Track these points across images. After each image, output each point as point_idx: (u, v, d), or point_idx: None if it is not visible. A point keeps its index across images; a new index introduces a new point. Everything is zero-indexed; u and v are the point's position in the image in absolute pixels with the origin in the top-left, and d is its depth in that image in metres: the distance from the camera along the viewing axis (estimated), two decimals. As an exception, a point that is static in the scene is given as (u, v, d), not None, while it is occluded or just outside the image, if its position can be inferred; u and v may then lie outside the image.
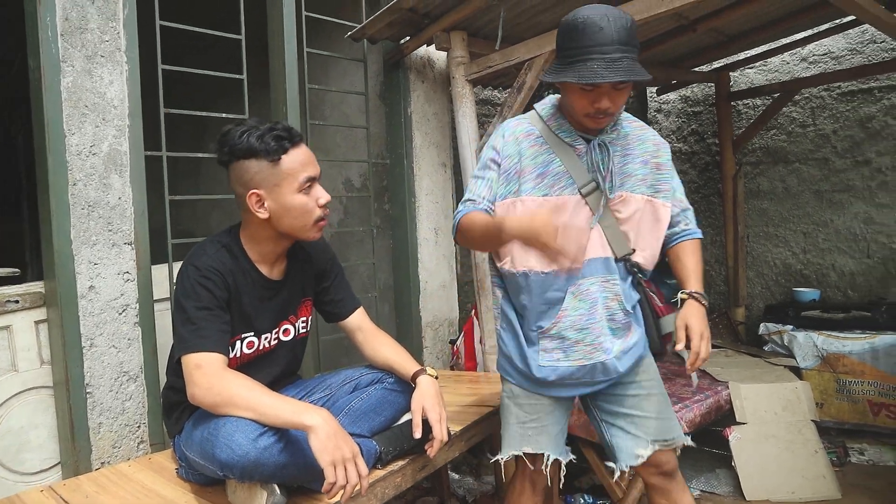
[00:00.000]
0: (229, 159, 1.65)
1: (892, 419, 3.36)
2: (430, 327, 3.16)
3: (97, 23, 2.01)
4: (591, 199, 1.63)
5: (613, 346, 1.69)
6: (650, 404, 1.74)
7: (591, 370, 1.69)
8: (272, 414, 1.47)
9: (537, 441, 1.78)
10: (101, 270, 2.01)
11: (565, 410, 1.83)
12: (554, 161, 1.65)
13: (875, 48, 3.85)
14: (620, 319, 1.68)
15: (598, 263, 1.65)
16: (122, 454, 2.05)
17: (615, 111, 1.56)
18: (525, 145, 1.67)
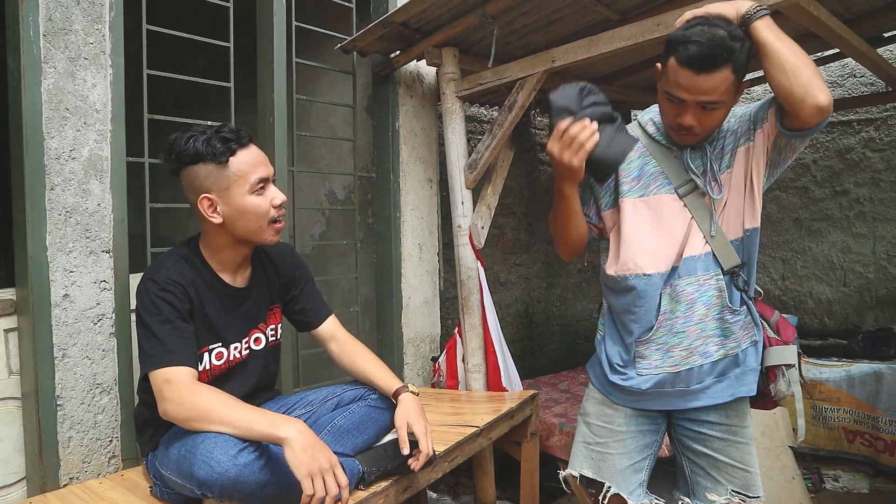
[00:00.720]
0: (177, 167, 1.63)
1: (866, 447, 3.39)
2: (412, 343, 3.11)
3: (82, 24, 1.95)
4: (691, 200, 1.57)
5: (713, 348, 1.58)
6: (738, 452, 1.62)
7: (686, 377, 1.59)
8: (246, 427, 1.44)
9: (599, 468, 1.72)
10: (76, 279, 1.94)
11: (640, 446, 1.71)
12: (650, 162, 1.62)
13: (854, 82, 3.93)
14: (730, 319, 1.57)
15: (694, 261, 1.57)
16: (92, 470, 1.97)
17: (701, 131, 1.49)
18: None
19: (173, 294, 1.58)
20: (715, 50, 1.36)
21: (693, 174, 1.56)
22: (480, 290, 2.79)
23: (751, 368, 1.60)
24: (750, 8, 1.40)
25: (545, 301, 4.60)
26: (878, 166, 3.87)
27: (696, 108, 1.44)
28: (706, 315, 1.57)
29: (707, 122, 1.47)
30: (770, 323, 1.62)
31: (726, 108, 1.48)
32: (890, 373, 3.28)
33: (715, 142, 1.58)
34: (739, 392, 1.59)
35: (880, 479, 3.37)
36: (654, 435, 1.72)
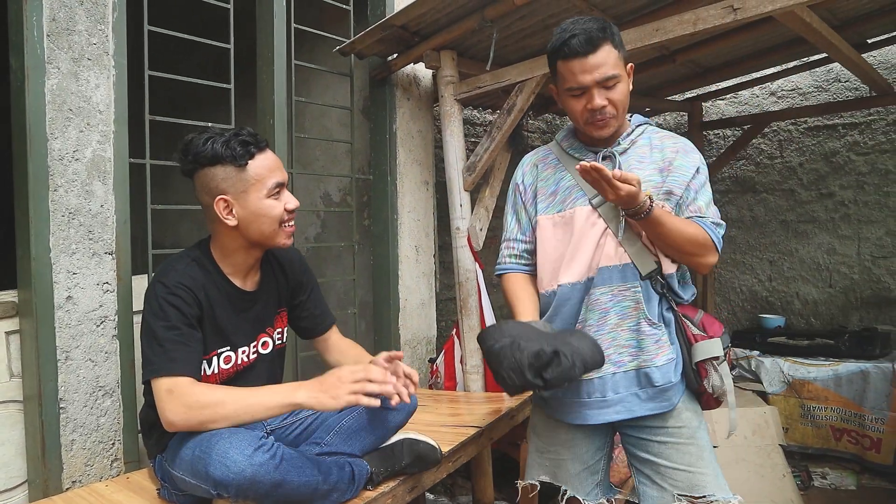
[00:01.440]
0: (194, 168, 1.62)
1: (853, 444, 3.46)
2: (409, 345, 3.13)
3: (85, 25, 1.95)
4: (604, 211, 1.61)
5: (626, 359, 1.60)
6: (678, 454, 1.60)
7: (600, 385, 1.62)
8: (262, 408, 1.50)
9: (554, 473, 1.77)
10: (79, 280, 1.93)
11: (591, 450, 1.74)
12: (565, 177, 1.68)
13: (839, 87, 4.02)
14: (646, 331, 1.59)
15: (609, 272, 1.60)
16: (94, 473, 1.96)
17: (614, 112, 1.55)
18: (539, 168, 1.75)
19: (182, 299, 1.58)
20: (590, 32, 1.49)
21: None
22: (479, 291, 2.81)
23: (670, 385, 1.60)
24: (639, 199, 1.46)
25: (537, 303, 4.63)
26: (863, 169, 3.96)
27: (599, 89, 1.52)
28: (619, 325, 1.60)
29: (614, 97, 1.53)
30: (694, 321, 1.63)
31: (624, 82, 1.55)
32: (875, 371, 3.36)
33: (626, 154, 1.63)
34: (661, 408, 1.60)
35: (866, 475, 3.44)
36: (603, 438, 1.75)
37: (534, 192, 1.73)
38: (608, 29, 1.52)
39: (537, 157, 1.79)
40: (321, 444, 1.72)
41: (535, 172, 1.75)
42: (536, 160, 1.77)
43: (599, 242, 1.61)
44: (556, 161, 1.73)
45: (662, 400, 1.60)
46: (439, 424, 2.31)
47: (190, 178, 1.66)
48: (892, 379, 3.31)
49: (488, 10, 2.47)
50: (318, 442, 1.73)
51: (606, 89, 1.53)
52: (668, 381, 1.59)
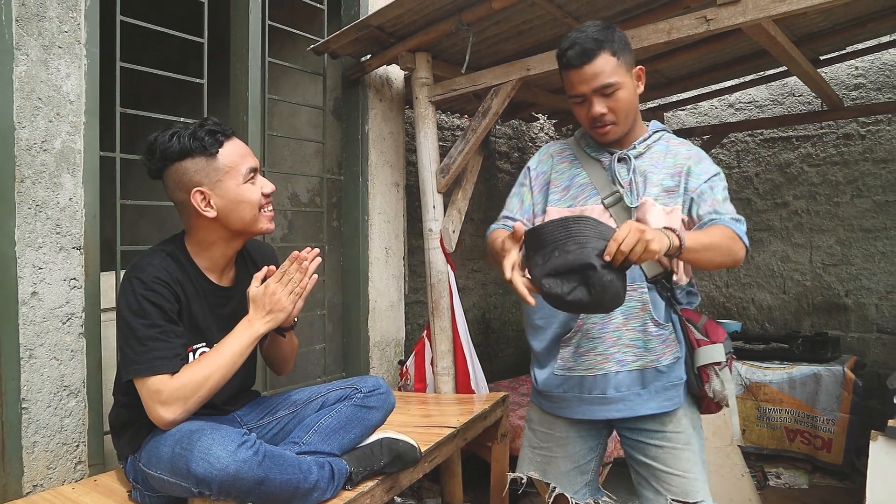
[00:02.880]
0: (162, 165, 1.60)
1: (806, 445, 3.59)
2: (378, 347, 3.11)
3: (56, 11, 1.88)
4: (616, 211, 1.63)
5: (630, 358, 1.61)
6: (674, 459, 1.62)
7: (602, 383, 1.64)
8: (239, 357, 1.58)
9: (544, 470, 1.79)
10: (45, 276, 1.85)
11: (583, 450, 1.76)
12: (580, 174, 1.70)
13: (794, 100, 4.19)
14: (653, 331, 1.61)
15: None
16: (57, 476, 1.88)
17: (614, 119, 1.58)
18: (556, 161, 1.76)
19: (161, 294, 1.54)
20: (585, 44, 1.53)
21: (619, 185, 1.64)
22: (450, 293, 2.82)
23: (675, 383, 1.63)
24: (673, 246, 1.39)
25: (501, 307, 4.67)
26: (815, 180, 4.13)
27: (598, 97, 1.55)
28: (624, 324, 1.62)
29: (614, 105, 1.56)
30: (697, 326, 1.64)
31: (627, 88, 1.56)
32: (827, 374, 3.50)
33: (641, 158, 1.65)
34: (663, 407, 1.62)
35: (818, 474, 3.58)
36: (597, 439, 1.77)
37: (546, 181, 1.75)
38: (608, 37, 1.54)
39: (555, 148, 1.80)
40: (300, 443, 1.69)
41: (550, 162, 1.77)
42: (554, 152, 1.79)
43: None
44: (573, 157, 1.74)
45: (665, 399, 1.62)
46: (412, 425, 2.30)
47: (158, 178, 1.63)
48: (842, 381, 3.45)
49: (465, 13, 2.49)
50: (296, 441, 1.70)
51: (605, 97, 1.55)
52: (679, 377, 1.62)
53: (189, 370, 1.53)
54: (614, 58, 1.54)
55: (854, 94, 4.01)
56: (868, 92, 3.98)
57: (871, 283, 3.98)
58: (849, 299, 4.05)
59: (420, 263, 3.67)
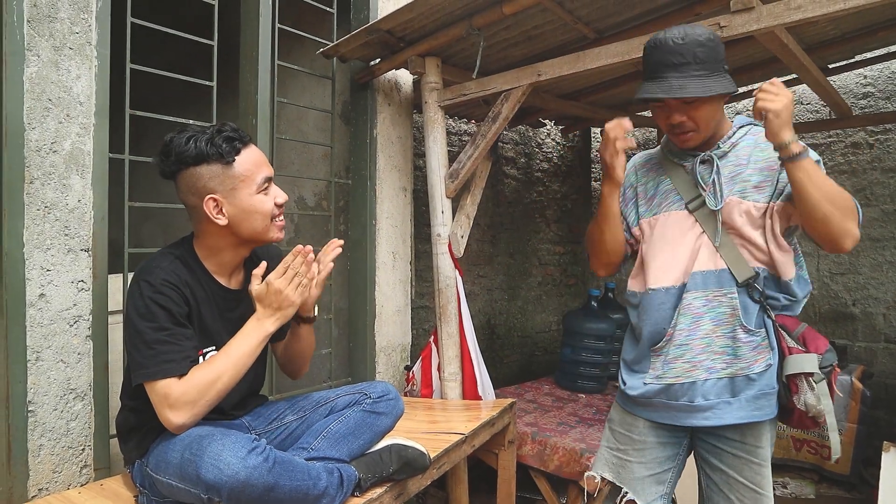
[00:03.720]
0: (177, 168, 1.58)
1: (813, 455, 3.57)
2: (384, 352, 3.09)
3: (68, 13, 1.88)
4: (701, 215, 1.60)
5: (719, 365, 1.58)
6: (751, 473, 1.59)
7: (690, 391, 1.60)
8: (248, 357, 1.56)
9: (618, 473, 1.76)
10: (53, 277, 1.84)
11: (661, 457, 1.71)
12: (664, 180, 1.69)
13: (801, 109, 4.17)
14: (742, 338, 1.56)
15: (703, 276, 1.59)
16: (62, 480, 1.86)
17: (694, 127, 1.56)
18: (641, 172, 1.77)
19: (170, 298, 1.53)
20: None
21: (701, 188, 1.62)
22: (458, 298, 2.80)
23: (766, 392, 1.57)
24: (793, 147, 1.42)
25: (507, 313, 4.65)
26: (822, 189, 4.10)
27: (679, 105, 1.54)
28: (714, 331, 1.59)
29: (695, 115, 1.54)
30: (793, 334, 1.58)
31: (712, 103, 1.54)
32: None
33: (726, 157, 1.62)
34: (752, 416, 1.57)
35: (825, 484, 3.55)
36: (676, 448, 1.72)
37: (634, 194, 1.76)
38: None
39: (640, 161, 1.81)
40: (308, 448, 1.68)
41: (635, 175, 1.78)
42: (638, 164, 1.80)
43: (694, 247, 1.61)
44: (658, 165, 1.74)
45: (756, 409, 1.57)
46: (419, 431, 2.29)
47: (171, 180, 1.62)
48: (849, 391, 3.42)
49: (476, 18, 2.48)
50: (305, 447, 1.69)
51: (686, 105, 1.53)
52: (771, 386, 1.57)
53: (198, 372, 1.51)
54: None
55: (862, 102, 4.00)
56: (877, 101, 3.96)
57: (878, 292, 3.96)
58: (856, 308, 4.03)
59: (427, 268, 3.65)
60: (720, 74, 1.53)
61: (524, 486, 2.98)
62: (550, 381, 4.04)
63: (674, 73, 1.51)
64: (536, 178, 4.90)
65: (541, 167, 4.93)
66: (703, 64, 1.51)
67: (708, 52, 1.51)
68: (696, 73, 1.50)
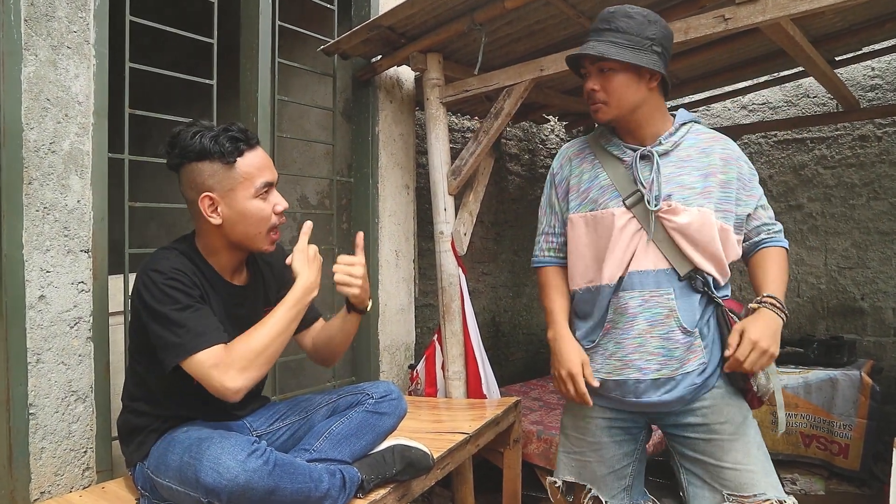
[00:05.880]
0: (180, 161, 1.56)
1: (822, 450, 3.53)
2: (388, 351, 3.07)
3: (65, 11, 1.86)
4: (638, 211, 1.58)
5: (653, 366, 1.56)
6: (723, 452, 1.56)
7: (621, 387, 1.61)
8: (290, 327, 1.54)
9: (579, 473, 1.75)
10: (53, 279, 1.83)
11: (618, 455, 1.70)
12: (601, 175, 1.65)
13: (808, 102, 4.13)
14: (679, 339, 1.54)
15: (641, 276, 1.56)
16: (64, 483, 1.85)
17: (605, 98, 1.56)
18: (575, 163, 1.72)
19: (183, 282, 1.52)
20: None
21: (640, 185, 1.58)
22: (461, 296, 2.78)
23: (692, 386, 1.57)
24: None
25: (512, 310, 4.63)
26: (830, 182, 4.07)
27: (595, 73, 1.57)
28: (647, 331, 1.56)
29: (607, 85, 1.55)
30: (740, 316, 1.57)
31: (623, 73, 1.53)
32: (843, 379, 3.43)
33: (667, 156, 1.59)
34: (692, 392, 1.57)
35: (834, 481, 3.51)
36: (632, 443, 1.72)
37: (566, 188, 1.72)
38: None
39: (573, 150, 1.75)
40: (310, 450, 1.66)
41: (569, 166, 1.73)
42: (572, 154, 1.75)
43: (630, 244, 1.58)
44: (593, 157, 1.69)
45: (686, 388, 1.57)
46: (423, 431, 2.27)
47: (175, 172, 1.60)
48: (859, 386, 3.39)
49: (478, 13, 2.46)
50: (307, 448, 1.67)
51: (602, 75, 1.55)
52: (693, 382, 1.57)
53: (242, 341, 1.49)
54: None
55: (870, 94, 3.95)
56: (885, 93, 3.91)
57: (888, 286, 3.91)
58: (865, 303, 3.99)
59: (430, 266, 3.63)
60: (643, 50, 1.52)
61: (530, 484, 2.96)
62: (556, 379, 4.01)
63: (595, 37, 1.56)
64: (541, 175, 4.87)
65: (545, 163, 4.90)
66: (624, 34, 1.51)
67: (635, 25, 1.52)
68: (613, 39, 1.52)
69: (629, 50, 1.51)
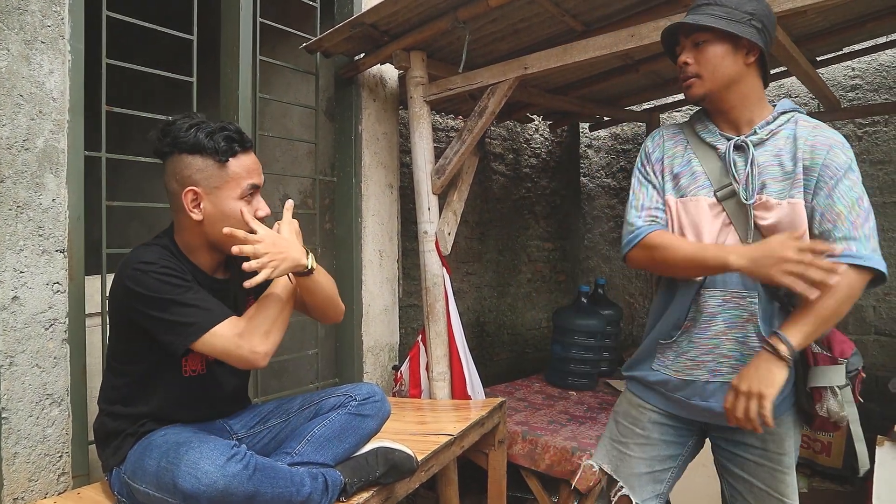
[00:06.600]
0: (170, 151, 1.54)
1: (805, 448, 3.55)
2: (371, 352, 3.04)
3: (39, 5, 1.81)
4: (730, 206, 1.49)
5: (725, 369, 1.48)
6: (775, 481, 1.51)
7: (689, 387, 1.53)
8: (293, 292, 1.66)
9: (617, 466, 1.69)
10: (27, 280, 1.78)
11: (661, 456, 1.64)
12: (693, 161, 1.56)
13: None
14: (755, 346, 1.44)
15: (726, 274, 1.47)
16: (38, 489, 1.80)
17: (696, 72, 1.49)
18: (668, 145, 1.62)
19: (175, 269, 1.51)
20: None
21: (734, 178, 1.49)
22: (446, 297, 2.76)
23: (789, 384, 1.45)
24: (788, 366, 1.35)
25: (496, 310, 4.61)
26: (811, 182, 4.09)
27: (689, 46, 1.51)
28: (724, 333, 1.49)
29: (700, 57, 1.48)
30: (818, 339, 1.45)
31: (719, 44, 1.46)
32: (826, 378, 3.45)
33: (763, 146, 1.49)
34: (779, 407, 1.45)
35: (817, 478, 3.54)
36: (679, 448, 1.64)
37: (662, 167, 1.60)
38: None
39: (667, 133, 1.65)
40: (292, 453, 1.63)
41: (662, 148, 1.62)
42: (666, 136, 1.64)
43: (718, 240, 1.50)
44: (686, 143, 1.60)
45: None
46: (407, 433, 2.24)
47: (161, 160, 1.57)
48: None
49: (461, 10, 2.44)
50: (288, 451, 1.64)
51: (696, 48, 1.49)
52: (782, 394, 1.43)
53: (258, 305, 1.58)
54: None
55: (851, 95, 3.98)
56: (865, 93, 3.95)
57: (868, 285, 3.94)
58: (846, 302, 4.02)
59: (414, 266, 3.61)
60: (741, 23, 1.44)
61: (515, 485, 2.94)
62: (541, 379, 4.01)
63: (692, 13, 1.49)
64: (525, 174, 4.86)
65: (529, 163, 4.90)
66: (722, 6, 1.45)
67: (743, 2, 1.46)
68: (710, 11, 1.45)
69: (725, 21, 1.44)
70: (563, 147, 5.21)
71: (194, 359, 1.62)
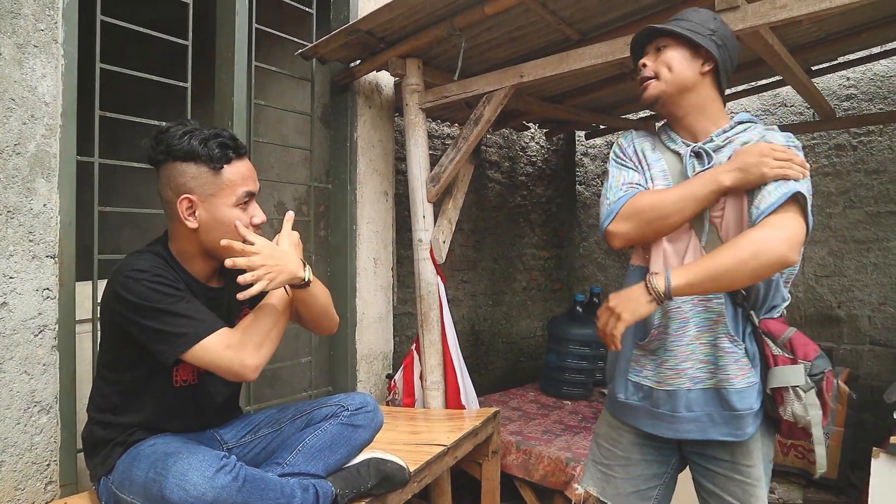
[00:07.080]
0: (164, 158, 1.53)
1: (800, 459, 3.54)
2: (365, 360, 3.02)
3: (32, 9, 1.80)
4: None
5: (703, 375, 1.48)
6: (745, 495, 1.48)
7: (672, 399, 1.51)
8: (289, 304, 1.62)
9: (603, 487, 1.68)
10: (17, 285, 1.76)
11: (646, 475, 1.62)
12: (660, 160, 1.59)
13: (785, 111, 4.17)
14: (727, 347, 1.45)
15: None
16: (25, 498, 1.78)
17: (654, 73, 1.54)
18: (639, 142, 1.66)
19: (168, 278, 1.49)
20: None
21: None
22: (440, 305, 2.75)
23: (744, 414, 1.45)
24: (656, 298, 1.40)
25: (491, 319, 4.59)
26: (807, 192, 4.10)
27: (652, 52, 1.58)
28: (698, 337, 1.50)
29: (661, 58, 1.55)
30: (778, 341, 1.45)
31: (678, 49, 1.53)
32: (821, 388, 3.44)
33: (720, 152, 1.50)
34: (733, 435, 1.46)
35: (812, 489, 3.52)
36: (663, 466, 1.63)
37: (637, 158, 1.62)
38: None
39: (639, 134, 1.69)
40: (283, 463, 1.61)
41: (635, 144, 1.65)
42: (638, 136, 1.67)
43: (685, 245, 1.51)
44: (654, 146, 1.63)
45: (737, 427, 1.46)
46: (400, 443, 2.22)
47: (155, 168, 1.56)
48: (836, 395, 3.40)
49: (457, 18, 2.44)
50: (279, 462, 1.62)
51: (657, 53, 1.56)
52: (749, 406, 1.45)
53: (252, 316, 1.55)
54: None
55: (846, 104, 4.00)
56: (859, 102, 3.96)
57: (863, 294, 3.95)
58: (841, 311, 4.02)
59: (409, 274, 3.60)
60: (701, 35, 1.51)
61: (509, 496, 2.92)
62: (535, 388, 3.99)
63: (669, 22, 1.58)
64: (521, 182, 4.86)
65: (525, 171, 4.89)
66: (687, 21, 1.54)
67: (699, 17, 1.55)
68: (677, 24, 1.55)
69: (688, 31, 1.51)
70: (559, 155, 5.22)
71: (185, 368, 1.60)
